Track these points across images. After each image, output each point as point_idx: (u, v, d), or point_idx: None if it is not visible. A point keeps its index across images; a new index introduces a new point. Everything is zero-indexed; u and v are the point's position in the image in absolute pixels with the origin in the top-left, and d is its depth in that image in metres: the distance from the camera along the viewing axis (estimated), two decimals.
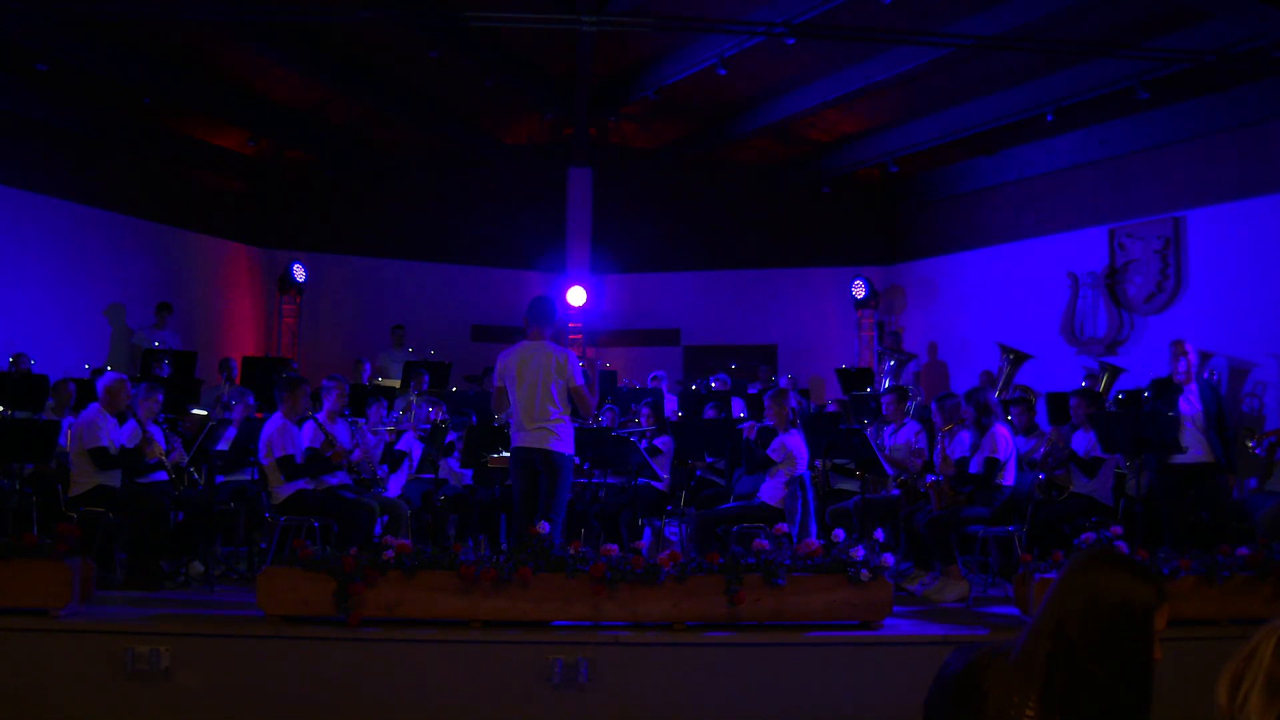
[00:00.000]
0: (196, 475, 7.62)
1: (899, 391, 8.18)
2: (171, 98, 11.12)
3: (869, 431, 7.28)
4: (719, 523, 6.82)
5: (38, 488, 6.83)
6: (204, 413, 8.35)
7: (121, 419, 6.69)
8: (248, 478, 7.30)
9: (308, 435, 6.73)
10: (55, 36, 9.62)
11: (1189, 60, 9.03)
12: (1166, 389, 6.87)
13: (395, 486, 8.02)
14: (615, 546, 5.38)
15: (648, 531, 8.04)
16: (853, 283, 12.83)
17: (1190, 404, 6.76)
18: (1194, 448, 6.68)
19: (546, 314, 6.04)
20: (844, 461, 7.76)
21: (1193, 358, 6.91)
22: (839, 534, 5.53)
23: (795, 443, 6.87)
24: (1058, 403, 8.58)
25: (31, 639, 4.98)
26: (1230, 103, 9.81)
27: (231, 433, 7.59)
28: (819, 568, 5.28)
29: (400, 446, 8.18)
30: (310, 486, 6.57)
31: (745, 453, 7.22)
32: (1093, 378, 9.86)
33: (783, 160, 13.65)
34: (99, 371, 8.09)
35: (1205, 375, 8.29)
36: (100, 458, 6.30)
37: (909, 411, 8.38)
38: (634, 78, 12.02)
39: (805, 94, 11.56)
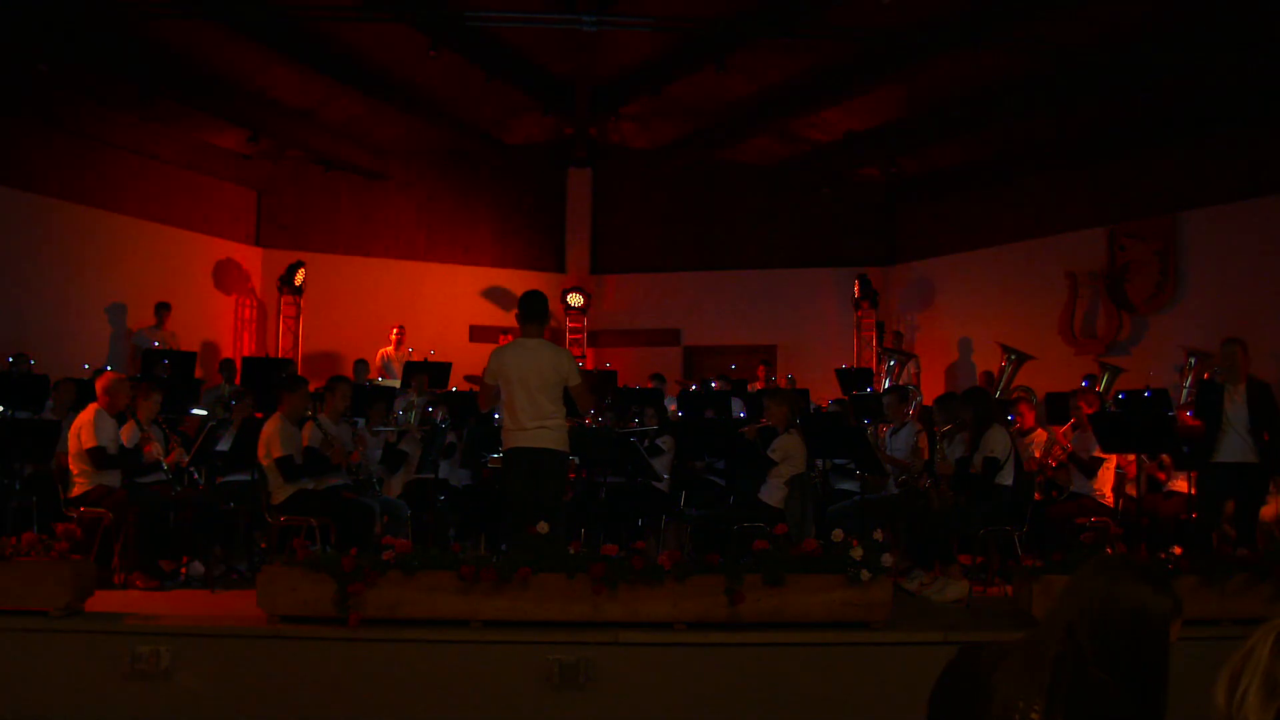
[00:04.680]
0: (196, 475, 7.62)
1: (900, 392, 8.17)
2: (171, 98, 11.12)
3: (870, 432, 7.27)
4: (719, 523, 6.82)
5: (38, 488, 6.82)
6: (204, 413, 8.35)
7: (121, 419, 6.68)
8: (248, 478, 7.30)
9: (307, 435, 6.73)
10: (55, 36, 9.61)
11: (1189, 60, 9.03)
12: (1209, 389, 6.71)
13: (395, 486, 8.01)
14: (616, 546, 5.37)
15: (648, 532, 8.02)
16: (853, 283, 12.83)
17: (1235, 404, 6.54)
18: (1237, 449, 6.49)
19: (540, 310, 5.94)
20: (844, 461, 7.75)
21: (1240, 357, 6.56)
22: (839, 534, 5.52)
23: (794, 443, 6.87)
24: (1058, 403, 8.57)
25: (31, 639, 4.98)
26: (1232, 103, 9.80)
27: (231, 432, 7.58)
28: (819, 568, 5.27)
29: (400, 446, 8.17)
30: (310, 486, 6.57)
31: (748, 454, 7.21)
32: (1093, 378, 9.86)
33: (783, 160, 13.65)
34: (99, 371, 8.08)
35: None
36: (99, 458, 6.30)
37: (910, 413, 8.37)
38: (634, 78, 12.01)
39: (805, 94, 11.56)
